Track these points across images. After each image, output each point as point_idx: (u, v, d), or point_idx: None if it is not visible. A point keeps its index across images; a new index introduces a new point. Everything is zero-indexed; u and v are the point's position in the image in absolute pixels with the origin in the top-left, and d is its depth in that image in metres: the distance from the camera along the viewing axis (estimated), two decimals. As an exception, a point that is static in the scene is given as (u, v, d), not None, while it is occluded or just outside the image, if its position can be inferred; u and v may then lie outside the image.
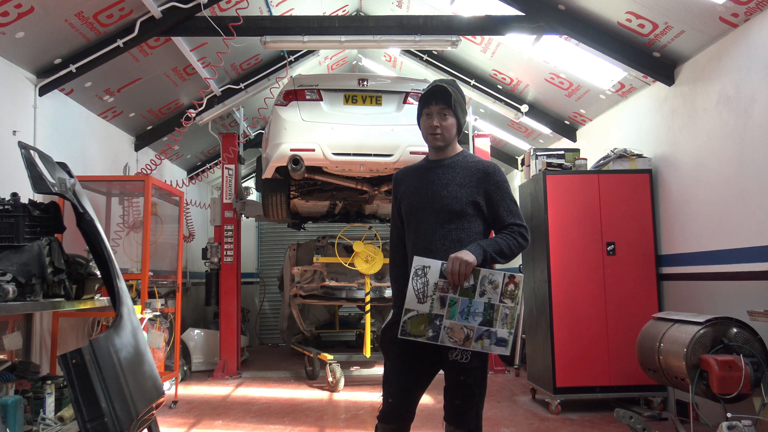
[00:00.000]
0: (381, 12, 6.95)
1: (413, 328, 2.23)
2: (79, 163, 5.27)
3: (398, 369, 2.42)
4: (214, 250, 7.16)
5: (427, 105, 2.43)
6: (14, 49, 4.27)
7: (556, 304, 4.92)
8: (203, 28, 5.05)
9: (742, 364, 3.44)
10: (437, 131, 2.41)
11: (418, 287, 2.24)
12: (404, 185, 2.52)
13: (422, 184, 2.46)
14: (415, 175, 2.51)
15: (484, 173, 2.42)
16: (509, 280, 2.28)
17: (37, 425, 3.22)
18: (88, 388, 2.45)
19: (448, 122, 2.42)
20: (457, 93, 2.44)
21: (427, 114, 2.44)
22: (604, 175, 5.11)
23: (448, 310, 2.23)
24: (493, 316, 2.24)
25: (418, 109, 2.50)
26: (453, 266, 2.21)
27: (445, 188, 2.40)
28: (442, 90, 2.40)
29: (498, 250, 2.33)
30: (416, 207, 2.43)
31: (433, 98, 2.41)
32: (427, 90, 2.42)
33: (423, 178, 2.47)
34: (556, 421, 4.63)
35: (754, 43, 3.86)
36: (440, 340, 2.23)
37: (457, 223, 2.37)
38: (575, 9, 4.80)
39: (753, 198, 3.89)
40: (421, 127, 2.49)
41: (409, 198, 2.46)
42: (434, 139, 2.44)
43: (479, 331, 2.23)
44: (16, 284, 2.80)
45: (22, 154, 2.84)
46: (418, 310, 2.23)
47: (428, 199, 2.41)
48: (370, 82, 5.40)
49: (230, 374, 6.78)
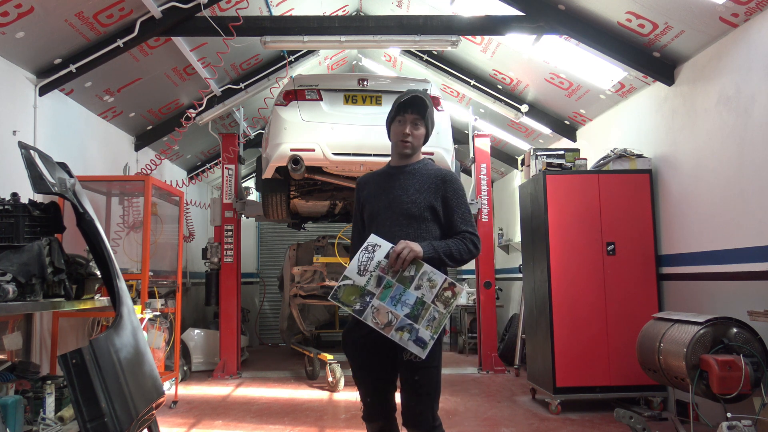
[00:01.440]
0: (381, 12, 6.95)
1: (345, 296, 2.29)
2: (79, 163, 5.28)
3: (366, 369, 2.50)
4: (214, 250, 7.16)
5: (401, 112, 2.51)
6: (14, 49, 4.27)
7: (556, 304, 4.92)
8: (203, 28, 5.05)
9: (742, 364, 3.44)
10: (408, 139, 2.51)
11: (362, 260, 2.31)
12: (366, 190, 2.60)
13: (384, 189, 2.55)
14: (378, 180, 2.61)
15: (442, 180, 2.51)
16: (449, 287, 2.30)
17: (37, 425, 3.22)
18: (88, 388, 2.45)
19: (419, 132, 2.53)
20: (430, 105, 2.53)
21: (399, 121, 2.52)
22: (604, 175, 5.11)
23: (382, 291, 2.28)
24: (421, 313, 2.26)
25: (390, 113, 2.56)
26: (398, 248, 2.28)
27: (405, 193, 2.49)
28: (420, 101, 2.49)
29: (448, 252, 2.36)
30: (377, 211, 2.52)
31: (409, 107, 2.49)
32: (405, 98, 2.49)
33: (385, 183, 2.57)
34: (556, 421, 4.63)
35: (754, 43, 3.86)
36: (364, 316, 2.26)
37: (415, 227, 2.44)
38: (575, 9, 4.80)
39: (753, 198, 3.89)
40: (391, 131, 2.58)
41: (372, 202, 2.55)
42: (404, 147, 2.53)
43: (402, 321, 2.25)
44: (16, 284, 2.80)
45: (22, 154, 2.84)
46: (354, 281, 2.30)
47: (389, 203, 2.50)
48: (370, 82, 5.40)
49: (230, 374, 6.78)
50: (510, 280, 8.90)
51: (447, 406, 5.24)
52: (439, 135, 5.29)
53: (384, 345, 2.34)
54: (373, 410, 2.50)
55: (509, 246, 8.92)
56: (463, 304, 8.59)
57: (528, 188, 5.48)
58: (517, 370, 6.81)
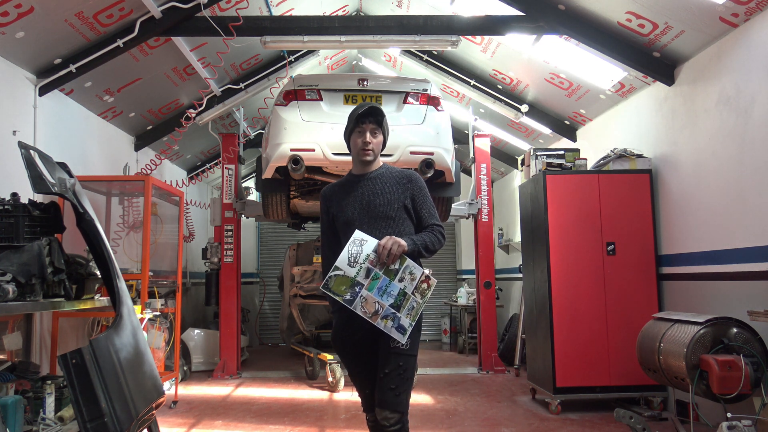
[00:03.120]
0: (381, 12, 6.95)
1: (335, 286, 2.45)
2: (79, 163, 5.28)
3: (359, 363, 2.68)
4: (214, 250, 7.16)
5: (359, 123, 2.66)
6: (14, 49, 4.27)
7: (556, 304, 4.92)
8: (203, 28, 5.05)
9: (742, 364, 3.44)
10: (369, 147, 2.66)
11: (352, 252, 2.48)
12: (335, 200, 2.73)
13: (354, 197, 2.69)
14: (344, 190, 2.73)
15: (408, 180, 2.71)
16: (425, 279, 2.51)
17: (37, 425, 3.22)
18: (88, 388, 2.45)
19: (378, 139, 2.69)
20: (384, 114, 2.71)
21: (359, 132, 2.67)
22: (604, 175, 5.11)
23: (370, 282, 2.46)
24: (403, 303, 2.47)
25: (348, 126, 2.71)
26: (387, 243, 2.46)
27: (378, 197, 2.66)
28: (376, 110, 2.66)
29: (424, 245, 2.58)
30: (351, 218, 2.65)
31: (366, 117, 2.65)
32: (362, 110, 2.64)
33: (353, 191, 2.70)
34: (556, 421, 4.63)
35: (754, 43, 3.86)
36: (354, 305, 2.43)
37: (393, 227, 2.62)
38: (575, 9, 4.80)
39: (753, 198, 3.89)
40: (351, 143, 2.72)
41: (344, 211, 2.67)
42: (365, 154, 2.68)
43: (387, 311, 2.45)
44: (16, 284, 2.80)
45: (22, 154, 2.84)
46: (345, 272, 2.46)
47: (363, 209, 2.65)
48: (370, 82, 5.40)
49: (230, 374, 6.78)
50: (510, 280, 8.90)
51: (447, 406, 5.24)
52: (439, 135, 5.29)
53: (371, 341, 2.58)
54: (371, 401, 2.64)
55: (509, 246, 8.92)
56: (463, 304, 8.58)
57: (528, 188, 5.48)
58: (517, 370, 6.81)
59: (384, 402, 2.49)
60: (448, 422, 4.66)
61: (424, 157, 5.12)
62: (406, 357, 2.53)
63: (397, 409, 2.48)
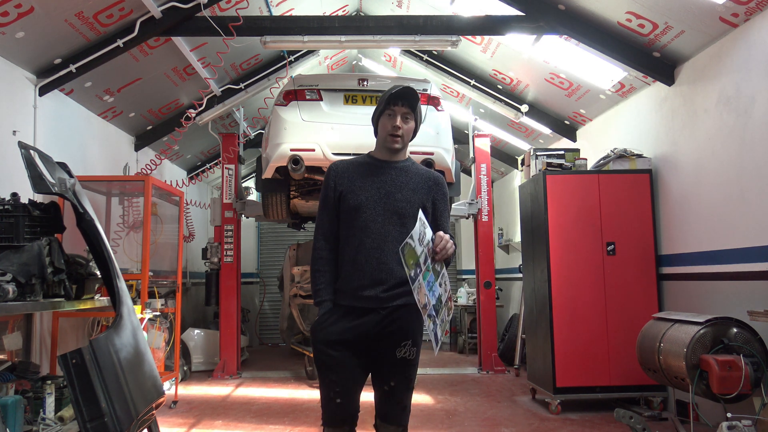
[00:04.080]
0: (381, 12, 6.95)
1: (408, 257, 2.09)
2: (79, 163, 5.27)
3: (338, 367, 2.32)
4: (214, 250, 7.16)
5: (390, 105, 2.39)
6: (14, 49, 4.27)
7: (556, 304, 4.92)
8: (203, 28, 5.05)
9: (742, 364, 3.44)
10: (399, 132, 2.39)
11: (420, 230, 2.15)
12: (346, 179, 2.42)
13: (373, 182, 2.41)
14: (361, 171, 2.44)
15: (434, 182, 2.48)
16: (449, 297, 2.29)
17: (37, 425, 3.22)
18: (88, 388, 2.45)
19: (409, 126, 2.42)
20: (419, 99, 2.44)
21: (389, 114, 2.40)
22: (604, 175, 5.11)
23: (423, 271, 2.15)
24: (441, 310, 2.21)
25: (378, 106, 2.44)
26: (443, 243, 2.19)
27: (400, 191, 2.40)
28: (411, 92, 2.37)
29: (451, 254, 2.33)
30: (365, 204, 2.37)
31: (399, 99, 2.37)
32: (396, 90, 2.37)
33: (373, 176, 2.42)
34: (556, 421, 4.63)
35: (754, 43, 3.86)
36: (414, 288, 2.11)
37: (407, 227, 2.33)
38: (575, 9, 4.80)
39: (753, 198, 3.89)
40: (380, 125, 2.45)
41: (356, 193, 2.39)
42: (393, 141, 2.40)
43: (431, 310, 2.16)
44: (16, 284, 2.80)
45: (22, 154, 2.84)
46: (414, 246, 2.12)
47: (380, 199, 2.38)
48: (370, 82, 5.40)
49: (230, 374, 6.78)
50: (510, 280, 8.90)
51: (447, 406, 5.24)
52: (439, 135, 5.29)
53: (361, 343, 2.31)
54: (341, 412, 2.33)
55: (509, 246, 8.92)
56: (463, 304, 8.58)
57: (528, 188, 5.48)
58: (517, 370, 6.81)
59: (392, 417, 2.34)
60: (448, 422, 4.66)
61: (424, 157, 5.12)
62: (413, 368, 2.35)
63: (402, 423, 2.35)
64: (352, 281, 2.37)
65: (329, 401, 2.33)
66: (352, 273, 2.38)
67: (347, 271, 2.40)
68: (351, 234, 2.39)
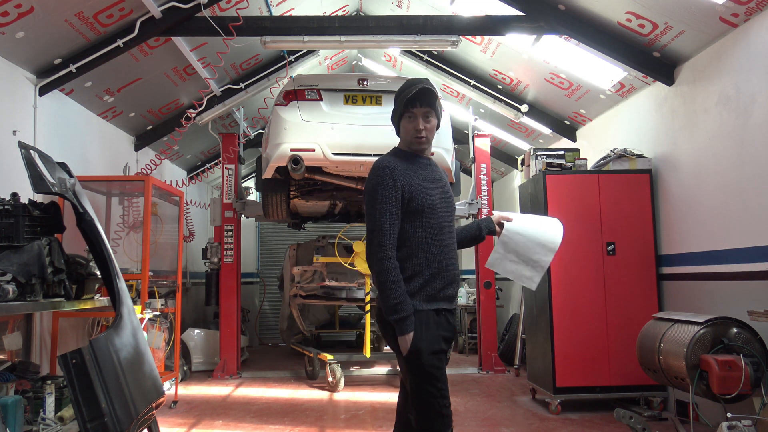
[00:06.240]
0: (381, 12, 6.95)
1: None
2: (79, 163, 5.27)
3: (444, 373, 2.33)
4: (214, 250, 7.16)
5: (410, 107, 2.38)
6: (14, 49, 4.27)
7: (556, 304, 4.92)
8: (203, 28, 5.05)
9: (742, 364, 3.44)
10: (423, 134, 2.40)
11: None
12: (407, 177, 2.35)
13: (431, 179, 2.42)
14: (413, 168, 2.41)
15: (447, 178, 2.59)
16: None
17: (37, 425, 3.22)
18: (88, 388, 2.45)
19: (431, 124, 2.42)
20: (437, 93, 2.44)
21: (409, 116, 2.40)
22: (604, 175, 5.11)
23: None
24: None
25: (398, 109, 2.44)
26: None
27: (446, 186, 2.46)
28: (429, 92, 2.37)
29: None
30: (436, 203, 2.38)
31: (417, 100, 2.36)
32: (412, 93, 2.35)
33: (427, 174, 2.42)
34: (556, 421, 4.63)
35: (754, 43, 3.86)
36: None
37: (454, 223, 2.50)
38: (575, 9, 4.80)
39: (753, 198, 3.89)
40: (401, 128, 2.45)
41: (429, 193, 2.37)
42: (419, 142, 2.42)
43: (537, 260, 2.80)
44: (16, 284, 2.80)
45: (22, 154, 2.84)
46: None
47: (442, 195, 2.42)
48: (370, 82, 5.40)
49: (230, 374, 6.78)
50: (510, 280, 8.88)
51: (447, 406, 5.23)
52: (439, 135, 5.24)
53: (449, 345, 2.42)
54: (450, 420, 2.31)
55: (509, 246, 8.89)
56: (463, 304, 8.58)
57: (528, 188, 5.48)
58: (517, 370, 6.81)
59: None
60: (448, 422, 4.65)
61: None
62: None
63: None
64: (437, 282, 2.36)
65: (442, 408, 2.28)
66: (437, 273, 2.36)
67: (432, 272, 2.35)
68: (429, 234, 2.36)
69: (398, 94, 2.43)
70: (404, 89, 2.40)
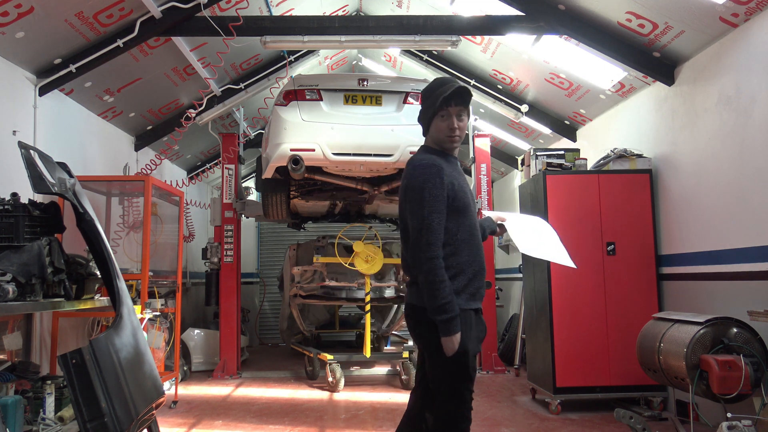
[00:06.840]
0: (381, 12, 6.95)
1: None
2: (79, 163, 5.27)
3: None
4: (214, 250, 7.16)
5: (444, 106, 2.36)
6: (14, 49, 4.26)
7: (556, 304, 4.92)
8: (203, 28, 5.05)
9: (742, 364, 3.44)
10: (456, 133, 2.39)
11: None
12: (451, 177, 2.37)
13: (464, 180, 2.45)
14: (452, 168, 2.42)
15: None
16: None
17: (37, 425, 3.22)
18: (88, 388, 2.45)
19: (464, 123, 2.42)
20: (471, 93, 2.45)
21: (443, 115, 2.38)
22: (604, 175, 5.11)
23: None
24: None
25: (430, 107, 2.40)
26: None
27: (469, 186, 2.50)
28: (465, 91, 2.37)
29: None
30: (470, 203, 2.42)
31: (453, 99, 2.35)
32: (449, 92, 2.33)
33: (460, 173, 2.45)
34: (556, 421, 4.63)
35: (754, 43, 3.86)
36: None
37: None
38: (575, 9, 4.80)
39: (753, 198, 3.88)
40: (433, 126, 2.42)
41: (465, 191, 2.41)
42: (452, 141, 2.42)
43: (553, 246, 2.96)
44: (16, 284, 2.79)
45: (22, 154, 2.84)
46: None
47: (472, 197, 2.47)
48: (370, 82, 5.40)
49: (230, 374, 6.78)
50: (510, 280, 8.89)
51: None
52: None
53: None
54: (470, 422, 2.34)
55: (509, 246, 8.90)
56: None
57: (528, 188, 5.48)
58: (517, 370, 6.81)
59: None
60: (448, 422, 4.65)
61: None
62: None
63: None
64: (477, 280, 2.38)
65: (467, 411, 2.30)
66: (478, 272, 2.39)
67: (474, 270, 2.37)
68: (469, 233, 2.38)
69: (429, 92, 2.41)
70: (437, 87, 2.38)
